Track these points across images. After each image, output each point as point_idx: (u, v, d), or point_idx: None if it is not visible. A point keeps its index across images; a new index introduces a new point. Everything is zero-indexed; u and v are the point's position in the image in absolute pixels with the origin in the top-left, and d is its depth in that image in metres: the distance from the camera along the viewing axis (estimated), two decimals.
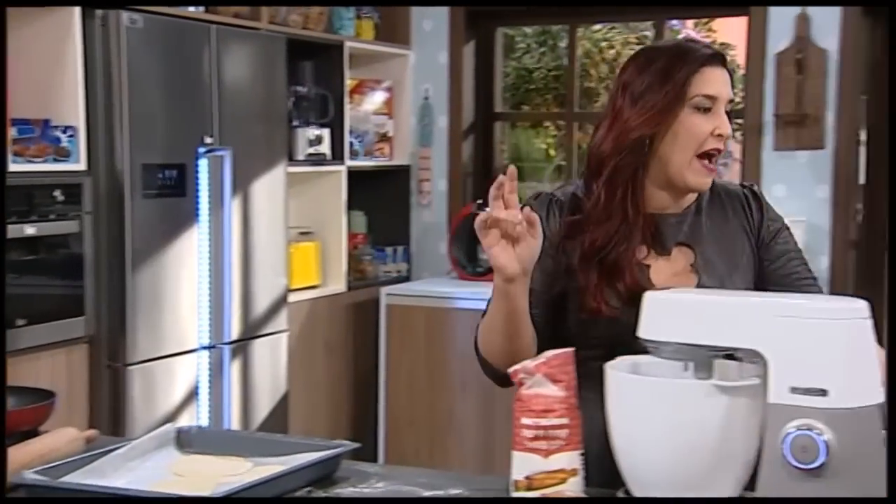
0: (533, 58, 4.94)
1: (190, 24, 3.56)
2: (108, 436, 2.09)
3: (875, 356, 1.34)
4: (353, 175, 4.54)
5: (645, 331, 1.48)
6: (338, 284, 4.48)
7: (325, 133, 4.36)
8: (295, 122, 4.25)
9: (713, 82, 1.72)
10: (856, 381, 1.32)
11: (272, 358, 3.94)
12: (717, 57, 1.75)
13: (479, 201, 4.70)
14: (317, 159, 4.34)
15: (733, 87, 1.78)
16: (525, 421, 1.51)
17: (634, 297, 1.58)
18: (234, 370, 3.75)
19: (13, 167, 3.07)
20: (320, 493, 1.63)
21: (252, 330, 3.83)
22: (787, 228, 1.86)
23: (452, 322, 4.38)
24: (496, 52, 4.94)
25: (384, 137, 4.83)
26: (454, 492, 1.64)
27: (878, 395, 1.33)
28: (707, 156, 1.74)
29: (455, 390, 4.37)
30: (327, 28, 4.44)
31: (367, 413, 4.58)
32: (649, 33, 5.12)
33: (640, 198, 1.75)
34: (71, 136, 3.21)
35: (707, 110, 1.72)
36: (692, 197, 1.80)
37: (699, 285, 1.73)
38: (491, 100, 4.96)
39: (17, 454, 1.63)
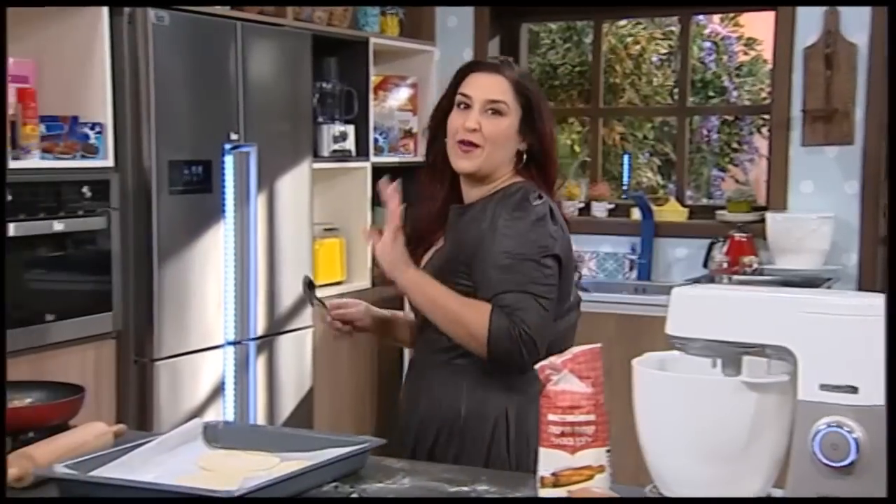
0: (558, 54, 4.91)
1: (215, 20, 3.57)
2: (134, 430, 2.10)
3: None
4: (378, 171, 4.54)
5: (672, 327, 1.47)
6: (363, 280, 4.49)
7: (350, 129, 4.36)
8: (320, 119, 4.26)
9: (471, 85, 1.99)
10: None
11: (297, 354, 3.95)
12: (482, 64, 2.04)
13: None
14: (341, 155, 4.34)
15: (524, 96, 1.98)
16: (551, 417, 1.51)
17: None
18: (259, 366, 3.76)
19: (42, 164, 3.10)
20: (347, 489, 1.63)
21: (277, 326, 3.84)
22: (505, 235, 1.92)
23: None
24: (521, 47, 4.93)
25: (409, 133, 4.83)
26: (480, 488, 1.64)
27: None
28: (462, 142, 1.98)
29: None
30: (352, 24, 4.45)
31: (392, 409, 4.57)
32: (675, 28, 5.05)
33: (444, 186, 2.05)
34: (98, 132, 3.23)
35: (466, 107, 1.98)
36: (483, 191, 2.01)
37: (421, 268, 2.00)
38: None
39: (48, 448, 1.64)
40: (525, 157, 2.02)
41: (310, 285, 2.26)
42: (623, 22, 6.07)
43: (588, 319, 4.08)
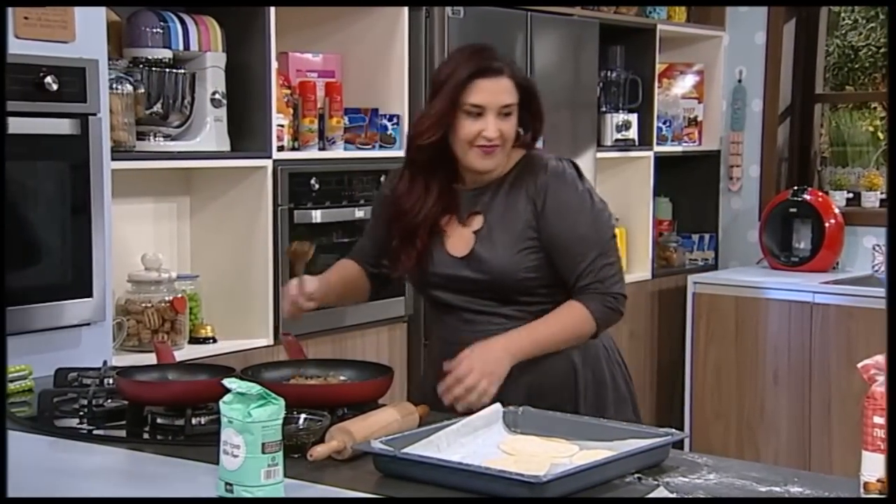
0: (860, 35, 4.61)
1: (507, 12, 3.62)
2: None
3: None
4: (660, 160, 4.47)
5: None
6: (643, 271, 4.43)
7: (633, 118, 4.31)
8: (603, 108, 4.23)
9: (481, 93, 2.01)
10: None
11: None
12: (486, 70, 2.02)
13: (797, 187, 4.48)
14: (624, 145, 4.30)
15: (526, 91, 2.06)
16: (877, 420, 1.42)
17: (424, 257, 2.09)
18: None
19: (345, 154, 3.27)
20: (650, 481, 1.61)
21: None
22: (565, 206, 2.04)
23: (764, 313, 4.21)
24: (819, 30, 4.67)
25: (693, 122, 4.71)
26: (794, 489, 1.57)
27: None
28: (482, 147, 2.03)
29: (766, 384, 4.20)
30: (639, 12, 4.39)
31: (672, 402, 4.50)
32: None
33: (437, 173, 2.08)
34: (395, 124, 3.37)
35: (477, 115, 2.02)
36: (496, 172, 2.08)
37: (472, 251, 2.07)
38: (811, 81, 4.70)
39: (363, 424, 1.72)
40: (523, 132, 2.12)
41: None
42: None
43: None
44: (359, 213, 3.26)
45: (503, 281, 2.06)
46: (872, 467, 1.42)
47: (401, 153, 3.37)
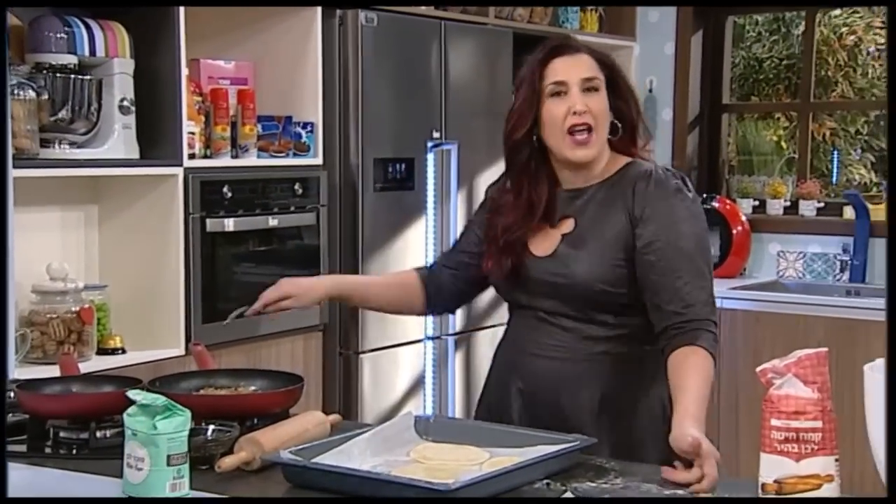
0: (764, 47, 4.74)
1: (421, 20, 3.64)
2: (344, 420, 2.16)
3: None
4: None
5: None
6: None
7: None
8: None
9: (560, 68, 1.94)
10: None
11: (492, 350, 3.97)
12: (562, 47, 1.97)
13: (706, 195, 4.57)
14: None
15: (609, 68, 1.98)
16: (774, 422, 1.46)
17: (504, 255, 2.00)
18: (457, 361, 3.81)
19: (258, 162, 3.24)
20: (558, 486, 1.63)
21: (475, 322, 3.87)
22: (667, 217, 1.90)
23: None
24: (725, 41, 4.79)
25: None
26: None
27: None
28: (575, 131, 1.94)
29: None
30: (552, 21, 4.44)
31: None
32: None
33: (541, 185, 1.99)
34: (310, 131, 3.36)
35: (560, 94, 1.94)
36: (597, 173, 1.98)
37: (555, 252, 1.97)
38: (718, 91, 4.82)
39: (273, 434, 1.71)
40: (619, 128, 2.00)
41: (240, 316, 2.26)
42: (837, 11, 5.75)
43: (793, 321, 3.98)
44: (273, 222, 3.24)
45: (577, 289, 1.94)
46: (770, 469, 1.45)
47: (315, 161, 3.41)
